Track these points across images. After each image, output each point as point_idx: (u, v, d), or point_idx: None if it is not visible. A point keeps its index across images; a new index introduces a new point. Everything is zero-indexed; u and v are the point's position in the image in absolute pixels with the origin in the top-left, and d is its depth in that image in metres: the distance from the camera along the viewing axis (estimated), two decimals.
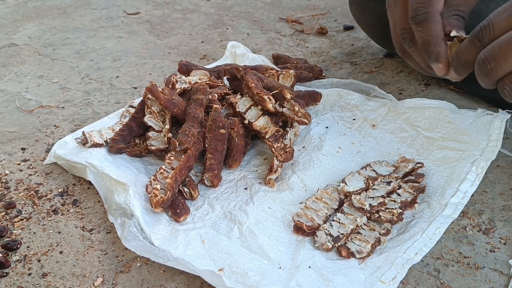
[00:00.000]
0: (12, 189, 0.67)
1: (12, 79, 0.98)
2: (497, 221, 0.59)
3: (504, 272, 0.53)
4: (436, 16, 0.53)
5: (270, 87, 0.70)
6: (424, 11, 0.53)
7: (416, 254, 0.53)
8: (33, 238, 0.60)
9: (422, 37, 0.54)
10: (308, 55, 1.04)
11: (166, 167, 0.64)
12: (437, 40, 0.53)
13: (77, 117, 0.84)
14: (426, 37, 0.54)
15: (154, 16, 1.28)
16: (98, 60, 1.05)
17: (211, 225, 0.59)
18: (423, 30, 0.53)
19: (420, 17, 0.53)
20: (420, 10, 0.53)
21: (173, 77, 0.76)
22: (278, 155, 0.66)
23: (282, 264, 0.53)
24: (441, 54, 0.53)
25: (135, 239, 0.55)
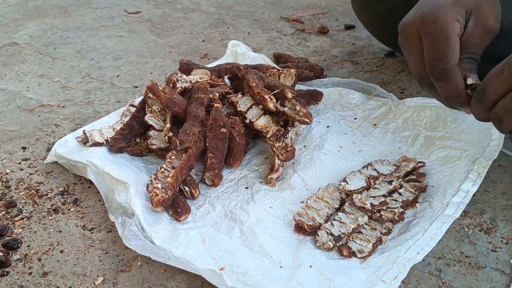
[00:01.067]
0: (13, 188, 0.67)
1: (13, 78, 0.98)
2: (499, 220, 0.59)
3: (505, 271, 0.52)
4: (454, 70, 0.53)
5: (271, 87, 0.70)
6: (441, 68, 0.53)
7: (418, 253, 0.53)
8: (33, 237, 0.59)
9: (443, 91, 0.55)
10: (309, 54, 1.04)
11: (167, 166, 0.63)
12: (458, 93, 0.54)
13: (77, 116, 0.84)
14: (447, 91, 0.54)
15: (155, 15, 1.28)
16: (99, 59, 1.05)
17: (212, 224, 0.58)
18: (444, 85, 0.54)
19: (438, 74, 0.54)
20: (438, 67, 0.53)
21: (174, 76, 0.76)
22: (279, 154, 0.65)
23: (283, 263, 0.53)
24: (464, 103, 0.55)
25: (136, 238, 0.55)
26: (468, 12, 0.55)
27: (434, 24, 0.53)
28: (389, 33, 0.92)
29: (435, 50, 0.54)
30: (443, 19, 0.53)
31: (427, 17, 0.54)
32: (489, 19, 0.55)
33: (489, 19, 0.55)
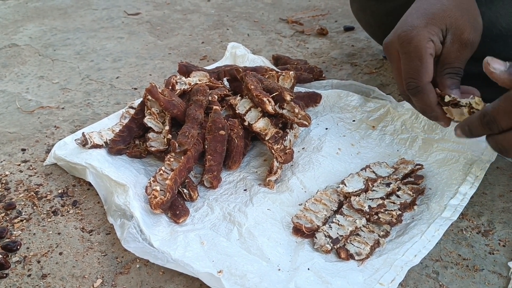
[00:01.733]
0: (12, 190, 0.67)
1: (13, 80, 0.98)
2: (497, 223, 0.59)
3: (503, 274, 0.53)
4: (426, 87, 0.57)
5: (270, 89, 0.70)
6: (415, 85, 0.57)
7: (415, 256, 0.53)
8: (33, 239, 0.60)
9: (418, 106, 0.59)
10: (308, 56, 1.04)
11: (165, 168, 0.64)
12: (432, 108, 0.58)
13: (77, 118, 0.84)
14: (422, 106, 0.59)
15: (155, 17, 1.28)
16: (99, 61, 1.05)
17: (211, 227, 0.59)
18: (418, 100, 0.58)
19: (412, 90, 0.58)
20: (411, 84, 0.58)
21: (173, 78, 0.76)
22: (278, 156, 0.66)
23: (281, 266, 0.53)
24: (438, 116, 0.59)
25: (134, 241, 0.55)
26: (443, 29, 0.58)
27: (409, 45, 0.57)
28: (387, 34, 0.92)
29: (410, 69, 0.58)
30: (417, 40, 0.57)
31: (403, 37, 0.58)
32: (464, 33, 0.59)
33: (464, 33, 0.59)
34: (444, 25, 0.58)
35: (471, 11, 0.60)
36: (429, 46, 0.57)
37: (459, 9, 0.59)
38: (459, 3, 0.60)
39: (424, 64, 0.57)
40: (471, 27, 0.59)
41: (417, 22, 0.58)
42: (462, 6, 0.59)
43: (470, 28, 0.59)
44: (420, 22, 0.58)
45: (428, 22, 0.58)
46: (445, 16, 0.58)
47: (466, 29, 0.58)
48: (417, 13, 0.60)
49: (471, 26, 0.59)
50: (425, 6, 0.60)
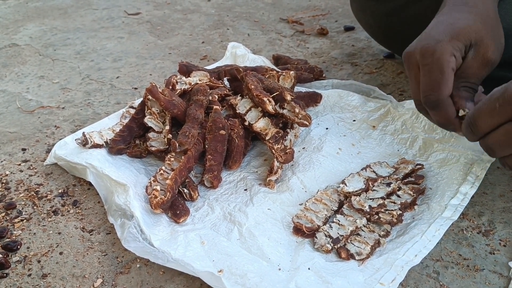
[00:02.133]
0: (13, 190, 0.67)
1: (13, 80, 0.98)
2: (497, 223, 0.59)
3: (503, 274, 0.53)
4: (446, 101, 0.57)
5: (270, 89, 0.70)
6: (434, 98, 0.57)
7: (416, 256, 0.53)
8: (33, 239, 0.60)
9: (436, 119, 0.59)
10: (308, 56, 1.04)
11: (166, 168, 0.64)
12: (450, 121, 0.58)
13: (77, 118, 0.84)
14: (440, 120, 0.58)
15: (155, 17, 1.28)
16: (99, 61, 1.05)
17: (211, 226, 0.59)
18: (436, 114, 0.58)
19: (431, 104, 0.57)
20: (431, 98, 0.57)
21: (173, 78, 0.76)
22: (278, 156, 0.66)
23: (281, 265, 0.53)
24: (456, 129, 0.58)
25: (135, 240, 0.55)
26: (467, 45, 0.58)
27: (431, 57, 0.56)
28: (387, 35, 0.92)
29: (430, 81, 0.57)
30: (439, 53, 0.56)
31: (426, 49, 0.57)
32: (488, 51, 0.58)
33: (488, 52, 0.58)
34: (469, 41, 0.58)
35: (496, 30, 0.60)
36: (451, 60, 0.57)
37: (485, 26, 0.59)
38: (485, 20, 0.59)
39: (445, 77, 0.57)
40: (495, 46, 0.59)
41: (442, 36, 0.58)
42: (488, 23, 0.59)
43: (494, 47, 0.58)
44: (444, 37, 0.57)
45: (453, 36, 0.57)
46: (471, 32, 0.58)
47: (490, 47, 0.58)
48: (442, 27, 0.59)
49: (495, 45, 0.59)
50: (450, 20, 0.59)
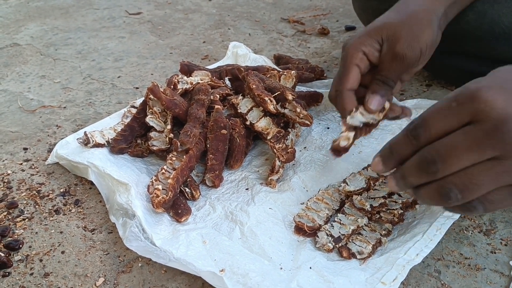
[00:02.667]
0: (14, 189, 0.67)
1: (15, 79, 0.98)
2: (498, 222, 0.59)
3: (505, 273, 0.53)
4: (344, 93, 0.62)
5: (271, 88, 0.70)
6: (335, 89, 0.63)
7: (417, 255, 0.53)
8: (35, 238, 0.60)
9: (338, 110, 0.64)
10: (309, 56, 1.04)
11: (167, 167, 0.64)
12: (344, 113, 0.62)
13: (79, 117, 0.84)
14: (339, 111, 0.63)
15: (156, 16, 1.29)
16: (100, 60, 1.05)
17: (213, 226, 0.59)
18: (336, 104, 0.63)
19: (331, 95, 0.64)
20: (333, 87, 0.63)
21: (175, 77, 0.76)
22: (280, 155, 0.66)
23: (283, 264, 0.53)
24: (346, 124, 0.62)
25: (136, 240, 0.55)
26: (380, 40, 0.62)
27: (343, 53, 0.63)
28: None
29: (336, 74, 0.63)
30: (347, 49, 0.62)
31: (343, 46, 0.64)
32: (397, 45, 0.61)
33: (397, 45, 0.61)
34: (380, 37, 0.62)
35: (415, 28, 0.62)
36: (356, 56, 0.62)
37: (401, 23, 0.62)
38: (404, 19, 0.62)
39: (347, 71, 0.62)
40: (406, 41, 0.61)
41: (358, 33, 0.63)
42: (405, 21, 0.62)
43: (404, 42, 0.61)
44: (359, 33, 0.63)
45: (366, 33, 0.62)
46: (383, 28, 0.62)
47: (400, 42, 0.61)
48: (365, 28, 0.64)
49: (406, 40, 0.61)
50: (378, 19, 0.65)
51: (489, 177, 0.40)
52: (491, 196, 0.41)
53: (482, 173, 0.40)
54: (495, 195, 0.41)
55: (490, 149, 0.39)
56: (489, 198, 0.42)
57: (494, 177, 0.40)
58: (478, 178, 0.40)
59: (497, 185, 0.41)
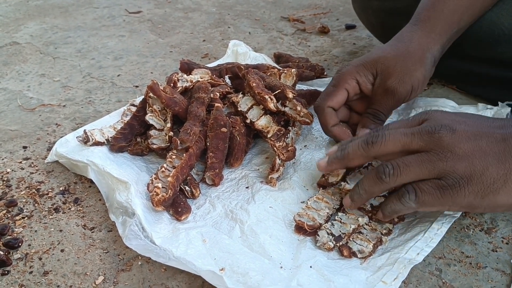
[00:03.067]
0: (14, 187, 0.67)
1: (14, 78, 0.98)
2: (499, 220, 0.59)
3: (506, 271, 0.52)
4: (325, 110, 0.66)
5: (271, 87, 0.70)
6: (317, 104, 0.67)
7: (418, 254, 0.53)
8: (34, 236, 0.60)
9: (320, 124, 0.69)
10: (309, 54, 1.04)
11: (167, 165, 0.63)
12: (327, 129, 0.68)
13: (78, 116, 0.84)
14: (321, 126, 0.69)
15: (156, 15, 1.28)
16: (100, 59, 1.05)
17: (213, 224, 0.58)
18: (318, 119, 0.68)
19: (315, 107, 0.68)
20: (317, 101, 0.68)
21: (175, 75, 0.76)
22: (280, 154, 0.65)
23: (283, 263, 0.53)
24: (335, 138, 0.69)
25: (136, 238, 0.55)
26: (374, 73, 0.65)
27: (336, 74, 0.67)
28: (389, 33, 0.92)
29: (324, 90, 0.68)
30: (342, 73, 0.66)
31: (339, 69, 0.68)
32: (389, 80, 0.64)
33: (388, 80, 0.64)
34: (375, 70, 0.65)
35: (409, 64, 0.64)
36: (349, 82, 0.65)
37: (395, 59, 0.64)
38: (401, 54, 0.65)
39: (334, 91, 0.66)
40: (398, 77, 0.63)
41: (354, 62, 0.66)
42: (400, 57, 0.64)
43: (396, 78, 0.63)
44: (355, 62, 0.66)
45: (362, 63, 0.66)
46: (378, 62, 0.64)
47: (392, 77, 0.63)
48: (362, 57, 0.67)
49: (398, 76, 0.63)
50: (373, 51, 0.68)
51: (416, 162, 0.49)
52: (422, 185, 0.49)
53: (411, 158, 0.50)
54: (426, 185, 0.49)
55: (420, 141, 0.50)
56: (421, 186, 0.49)
57: (420, 163, 0.49)
58: (407, 160, 0.49)
59: (423, 172, 0.49)
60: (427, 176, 0.49)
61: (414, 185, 0.49)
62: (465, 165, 0.47)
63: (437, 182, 0.48)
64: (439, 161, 0.48)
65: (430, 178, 0.49)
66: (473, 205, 0.48)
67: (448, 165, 0.48)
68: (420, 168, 0.49)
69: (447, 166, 0.48)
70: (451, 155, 0.48)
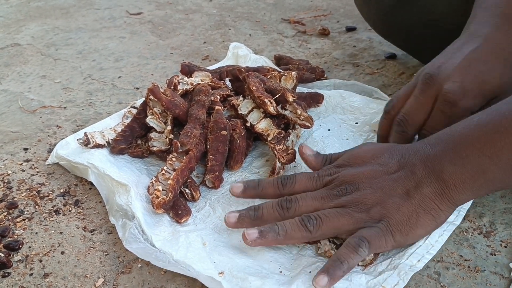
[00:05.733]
0: (15, 189, 0.67)
1: (15, 79, 0.98)
2: (498, 224, 0.59)
3: (504, 275, 0.53)
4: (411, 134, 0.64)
5: (272, 90, 0.70)
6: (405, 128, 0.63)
7: (419, 261, 0.52)
8: (34, 238, 0.60)
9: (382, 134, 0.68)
10: (310, 56, 1.04)
11: (167, 168, 0.64)
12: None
13: (79, 118, 0.84)
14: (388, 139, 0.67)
15: (157, 17, 1.29)
16: (101, 61, 1.05)
17: (213, 227, 0.59)
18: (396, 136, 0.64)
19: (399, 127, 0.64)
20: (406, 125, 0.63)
21: (175, 78, 0.76)
22: (280, 157, 0.66)
23: (282, 268, 0.53)
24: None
25: (136, 241, 0.55)
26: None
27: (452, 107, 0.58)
28: (392, 29, 0.91)
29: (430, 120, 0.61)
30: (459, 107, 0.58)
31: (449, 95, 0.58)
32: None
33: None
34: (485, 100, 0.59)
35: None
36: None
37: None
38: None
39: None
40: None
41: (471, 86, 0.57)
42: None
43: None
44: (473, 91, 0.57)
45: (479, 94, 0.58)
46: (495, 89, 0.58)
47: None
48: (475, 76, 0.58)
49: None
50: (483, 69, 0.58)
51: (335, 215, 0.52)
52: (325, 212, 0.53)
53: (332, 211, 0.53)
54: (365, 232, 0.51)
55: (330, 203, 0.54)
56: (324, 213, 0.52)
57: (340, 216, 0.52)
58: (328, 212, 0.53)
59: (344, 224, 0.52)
60: (351, 227, 0.52)
61: (360, 236, 0.51)
62: (379, 211, 0.51)
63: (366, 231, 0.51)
64: (356, 212, 0.52)
65: (353, 228, 0.52)
66: (401, 243, 0.52)
67: (365, 215, 0.51)
68: (341, 220, 0.52)
69: (364, 216, 0.51)
70: (364, 206, 0.52)
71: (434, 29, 0.79)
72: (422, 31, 0.82)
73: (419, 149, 0.54)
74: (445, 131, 0.54)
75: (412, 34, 0.85)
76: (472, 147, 0.50)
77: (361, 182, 0.53)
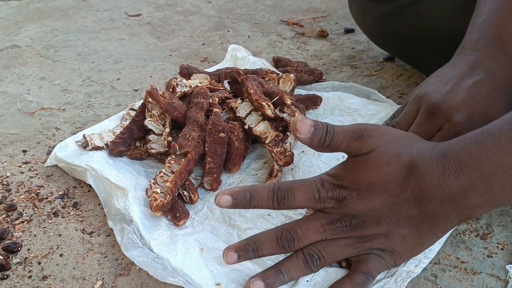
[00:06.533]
0: (13, 191, 0.68)
1: (14, 81, 0.98)
2: (495, 226, 0.59)
3: (501, 277, 0.53)
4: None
5: (270, 93, 0.70)
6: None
7: (416, 266, 0.52)
8: (33, 240, 0.60)
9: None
10: (308, 58, 1.04)
11: (166, 170, 0.64)
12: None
13: (78, 120, 0.84)
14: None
15: (156, 18, 1.29)
16: (100, 62, 1.05)
17: (211, 230, 0.59)
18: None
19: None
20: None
21: (174, 80, 0.76)
22: (278, 159, 0.66)
23: None
24: None
25: (134, 247, 0.55)
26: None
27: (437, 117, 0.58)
28: (387, 37, 0.92)
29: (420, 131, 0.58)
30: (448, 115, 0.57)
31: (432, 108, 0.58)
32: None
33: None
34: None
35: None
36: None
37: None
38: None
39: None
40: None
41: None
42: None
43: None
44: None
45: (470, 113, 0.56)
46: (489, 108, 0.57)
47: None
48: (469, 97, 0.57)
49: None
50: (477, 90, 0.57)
51: (337, 248, 0.52)
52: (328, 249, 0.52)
53: (333, 244, 0.52)
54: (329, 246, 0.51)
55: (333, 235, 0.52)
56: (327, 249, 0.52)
57: (342, 248, 0.51)
58: (330, 247, 0.52)
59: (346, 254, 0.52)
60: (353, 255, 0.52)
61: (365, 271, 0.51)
62: (384, 242, 0.51)
63: (370, 265, 0.51)
64: (359, 243, 0.51)
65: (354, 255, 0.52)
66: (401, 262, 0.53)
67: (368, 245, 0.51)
68: (343, 253, 0.51)
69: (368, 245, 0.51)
70: (368, 237, 0.51)
71: (429, 37, 0.80)
72: (417, 39, 0.82)
73: (439, 178, 0.47)
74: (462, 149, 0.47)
75: (407, 42, 0.85)
76: (506, 176, 0.45)
77: (367, 216, 0.50)
